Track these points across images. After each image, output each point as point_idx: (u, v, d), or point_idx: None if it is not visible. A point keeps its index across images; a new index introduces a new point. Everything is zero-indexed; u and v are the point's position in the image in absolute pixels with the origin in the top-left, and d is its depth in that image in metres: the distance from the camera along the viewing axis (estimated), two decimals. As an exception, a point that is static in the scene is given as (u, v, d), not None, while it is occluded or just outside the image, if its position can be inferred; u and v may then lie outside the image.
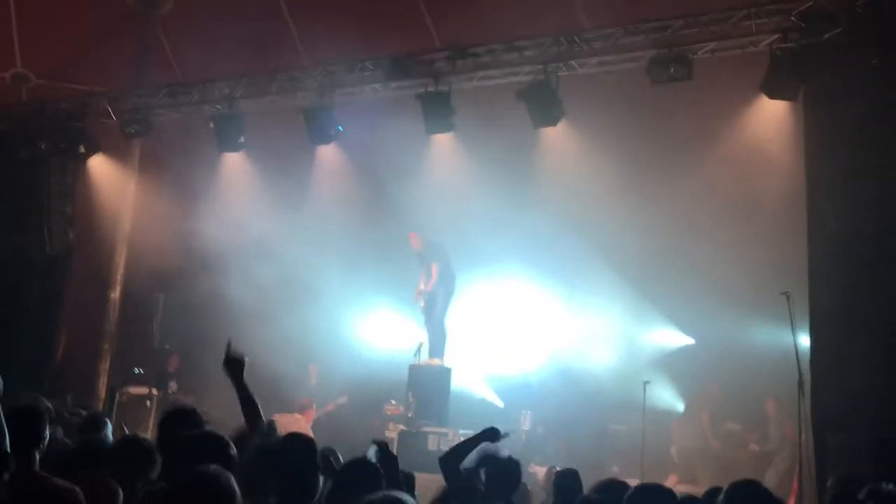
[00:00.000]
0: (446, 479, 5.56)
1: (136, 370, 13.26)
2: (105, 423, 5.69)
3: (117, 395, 12.62)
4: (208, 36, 13.36)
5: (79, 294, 13.30)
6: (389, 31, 12.04)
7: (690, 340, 12.58)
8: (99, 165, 13.31)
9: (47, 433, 3.83)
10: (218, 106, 11.86)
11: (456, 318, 12.19)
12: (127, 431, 7.62)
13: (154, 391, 12.56)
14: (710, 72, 9.53)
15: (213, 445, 3.67)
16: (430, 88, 10.45)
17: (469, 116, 10.78)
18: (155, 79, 13.43)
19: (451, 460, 5.61)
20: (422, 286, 11.83)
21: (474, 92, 10.82)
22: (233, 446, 3.72)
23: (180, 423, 4.31)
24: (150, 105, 12.27)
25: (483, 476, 5.57)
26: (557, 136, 10.78)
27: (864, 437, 7.41)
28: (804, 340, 8.34)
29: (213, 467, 2.98)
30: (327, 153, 12.46)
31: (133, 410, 12.41)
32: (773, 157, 10.07)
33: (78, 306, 13.37)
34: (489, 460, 5.69)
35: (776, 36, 8.92)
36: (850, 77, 8.13)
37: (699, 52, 9.35)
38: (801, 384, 8.13)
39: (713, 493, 4.43)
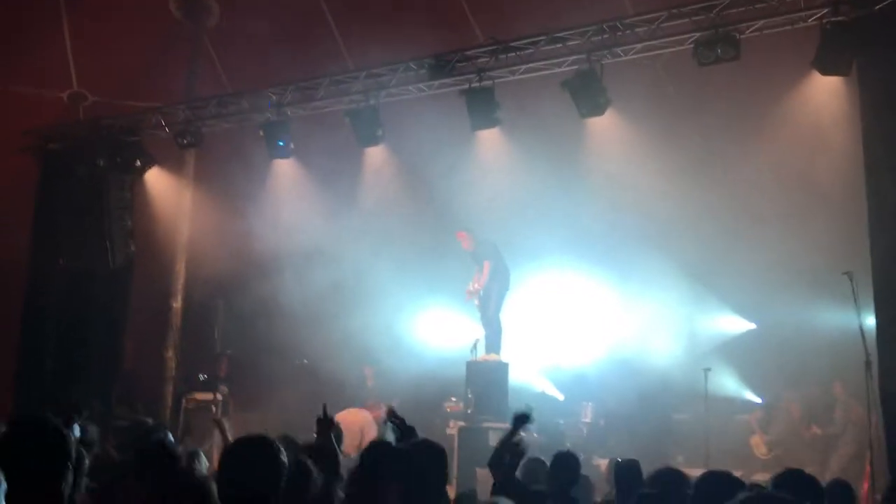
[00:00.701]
0: (495, 478, 5.57)
1: (201, 376, 13.54)
2: (166, 433, 5.81)
3: (184, 401, 12.92)
4: (254, 46, 13.61)
5: (142, 304, 13.61)
6: (431, 29, 12.08)
7: (752, 325, 12.38)
8: (155, 178, 13.61)
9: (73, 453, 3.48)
10: (267, 114, 12.03)
11: (511, 312, 12.17)
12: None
13: (218, 395, 12.81)
14: (760, 50, 9.31)
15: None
16: (474, 84, 10.43)
17: (514, 110, 10.73)
18: (205, 91, 13.67)
19: (497, 459, 5.61)
20: (474, 284, 11.83)
21: (518, 85, 10.76)
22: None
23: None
24: (200, 116, 12.49)
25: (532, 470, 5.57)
26: (605, 125, 10.65)
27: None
28: (870, 321, 8.11)
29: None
30: (375, 155, 12.54)
31: (199, 416, 12.69)
32: (829, 135, 9.82)
33: (142, 316, 13.69)
34: (509, 447, 5.59)
35: (826, 9, 8.65)
36: (905, 48, 7.89)
37: (746, 32, 9.11)
38: (868, 365, 7.95)
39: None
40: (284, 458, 3.49)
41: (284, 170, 12.96)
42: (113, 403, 12.66)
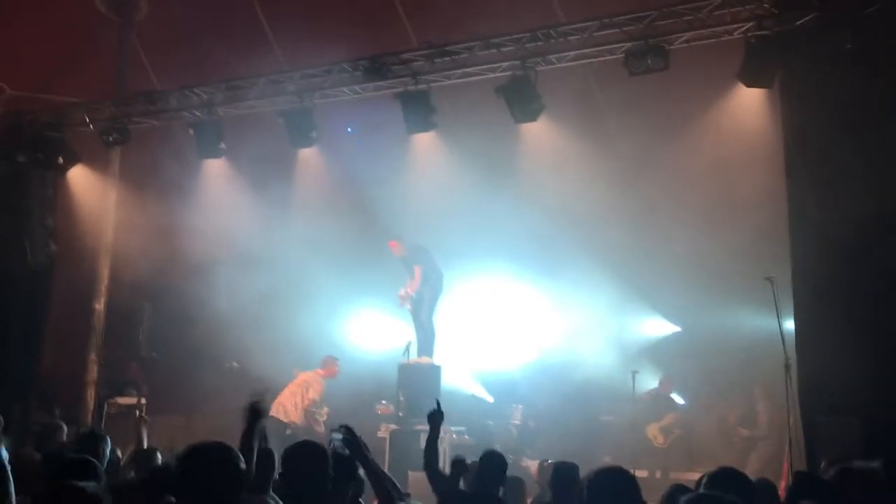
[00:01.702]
0: (432, 485, 5.58)
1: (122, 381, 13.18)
2: (104, 439, 5.65)
3: (105, 405, 12.57)
4: (184, 42, 13.32)
5: (63, 306, 13.20)
6: (366, 32, 12.06)
7: (677, 328, 12.70)
8: (79, 176, 13.23)
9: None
10: (197, 112, 11.81)
11: (443, 316, 12.22)
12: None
13: (143, 400, 12.48)
14: (689, 61, 9.59)
15: None
16: (410, 88, 10.47)
17: (449, 114, 10.80)
18: (132, 87, 13.35)
19: (429, 464, 5.62)
20: (406, 289, 11.82)
21: (454, 89, 10.83)
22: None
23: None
24: (128, 113, 12.21)
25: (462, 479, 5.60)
26: (538, 131, 10.82)
27: (852, 419, 7.48)
28: (789, 324, 8.42)
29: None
30: (309, 156, 12.45)
31: (121, 421, 12.35)
32: (752, 144, 10.16)
33: (63, 318, 13.27)
34: (460, 465, 5.71)
35: (751, 24, 8.98)
36: (825, 62, 8.20)
37: (675, 43, 9.39)
38: (787, 367, 8.24)
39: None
40: (244, 465, 3.43)
41: (215, 170, 12.75)
42: (31, 408, 12.25)
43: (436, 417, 5.87)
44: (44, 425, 11.50)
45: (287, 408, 11.41)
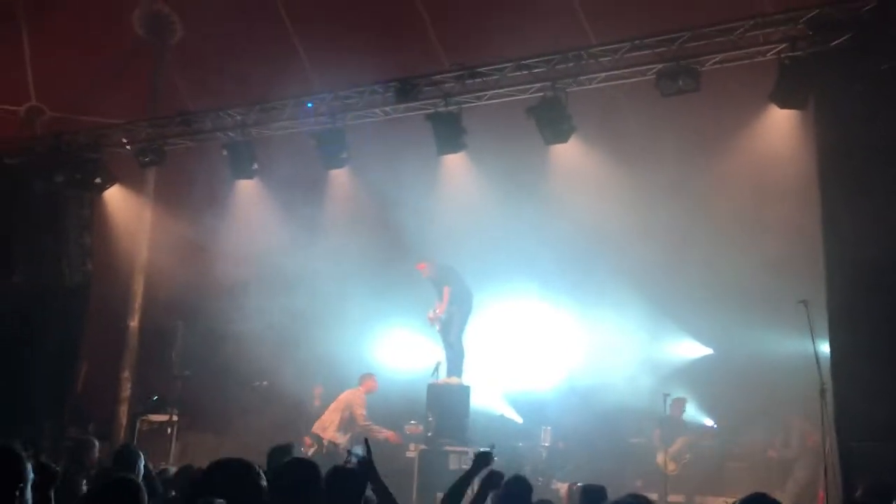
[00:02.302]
0: None
1: (153, 398, 13.32)
2: (139, 455, 5.70)
3: (138, 423, 12.69)
4: (219, 64, 13.55)
5: (98, 324, 13.39)
6: (398, 54, 12.17)
7: (709, 350, 12.56)
8: (115, 196, 13.44)
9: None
10: (230, 133, 11.97)
11: (473, 336, 12.19)
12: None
13: (175, 417, 12.60)
14: (721, 82, 9.55)
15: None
16: (440, 109, 10.53)
17: (480, 135, 10.83)
18: (168, 109, 13.56)
19: (454, 497, 5.46)
20: (435, 310, 11.79)
21: (484, 111, 10.87)
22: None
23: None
24: (163, 135, 12.39)
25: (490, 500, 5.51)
26: (569, 152, 10.79)
27: (889, 445, 7.34)
28: (825, 348, 8.29)
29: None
30: (340, 177, 12.54)
31: (154, 438, 12.47)
32: (786, 166, 10.06)
33: (97, 336, 13.46)
34: (494, 480, 5.57)
35: (784, 45, 8.93)
36: (860, 83, 8.13)
37: (707, 64, 9.36)
38: (822, 392, 8.09)
39: None
40: (264, 481, 3.47)
41: (247, 190, 12.89)
42: (65, 424, 12.40)
43: (485, 459, 5.64)
44: (76, 441, 11.66)
45: (327, 426, 11.53)
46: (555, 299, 12.70)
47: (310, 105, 11.51)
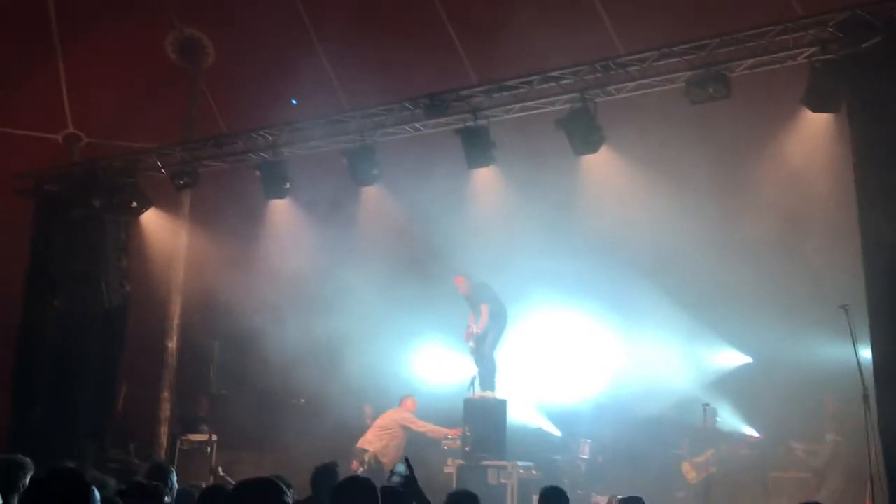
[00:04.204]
0: None
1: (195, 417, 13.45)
2: (170, 472, 5.77)
3: (178, 442, 12.82)
4: (249, 86, 13.74)
5: (137, 345, 13.56)
6: (426, 70, 12.23)
7: (748, 359, 12.39)
8: (151, 218, 13.64)
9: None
10: (262, 154, 12.11)
11: (508, 349, 12.16)
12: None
13: (214, 437, 12.71)
14: (752, 88, 9.46)
15: None
16: (469, 123, 10.56)
17: (510, 148, 10.84)
18: (201, 131, 13.77)
19: None
20: (473, 327, 11.77)
21: (513, 123, 10.89)
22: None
23: None
24: (197, 157, 12.57)
25: None
26: (599, 162, 10.75)
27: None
28: (866, 353, 8.15)
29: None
30: (372, 194, 12.59)
31: (194, 457, 12.58)
32: (821, 169, 9.92)
33: (137, 357, 13.63)
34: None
35: (814, 48, 8.83)
36: (892, 85, 8.02)
37: (737, 70, 9.29)
38: (866, 398, 7.96)
39: None
40: (290, 499, 3.49)
41: (281, 209, 13.01)
42: (107, 445, 12.56)
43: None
44: (122, 463, 11.83)
45: (372, 441, 11.62)
46: (590, 310, 12.61)
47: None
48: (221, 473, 11.88)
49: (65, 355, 12.70)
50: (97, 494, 3.37)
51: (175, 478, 5.93)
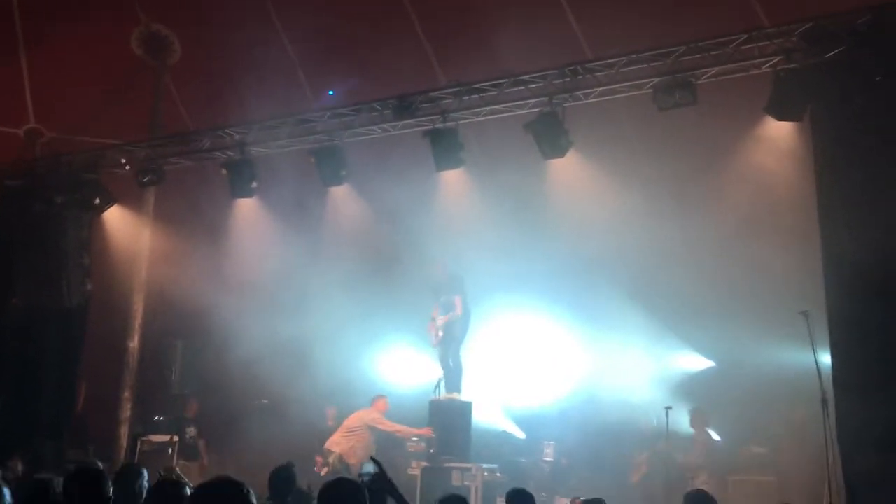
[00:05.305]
0: None
1: (157, 417, 13.30)
2: (140, 474, 5.67)
3: (139, 443, 12.65)
4: (216, 84, 13.62)
5: (98, 344, 13.37)
6: (395, 71, 12.22)
7: (711, 363, 12.53)
8: (114, 215, 13.45)
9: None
10: (229, 152, 12.01)
11: (473, 351, 12.18)
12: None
13: (174, 438, 12.57)
14: (717, 95, 9.59)
15: None
16: (438, 125, 10.57)
17: (478, 151, 10.87)
18: (166, 128, 13.62)
19: None
20: (438, 320, 11.77)
21: (481, 125, 10.91)
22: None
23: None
24: (162, 154, 12.44)
25: None
26: (567, 166, 10.81)
27: (892, 456, 7.31)
28: (825, 359, 8.28)
29: None
30: (339, 194, 12.55)
31: (155, 459, 12.41)
32: (784, 177, 10.08)
33: (97, 356, 13.44)
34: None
35: (779, 58, 8.98)
36: (855, 95, 8.17)
37: (703, 77, 9.41)
38: (824, 403, 8.08)
39: None
40: (254, 499, 3.45)
41: (247, 209, 12.91)
42: (65, 445, 12.36)
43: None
44: (78, 463, 11.62)
45: (339, 442, 11.48)
46: (555, 314, 12.67)
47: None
48: (178, 473, 11.74)
49: (24, 354, 12.52)
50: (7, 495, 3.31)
51: (144, 481, 5.80)
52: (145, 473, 5.67)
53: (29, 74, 14.31)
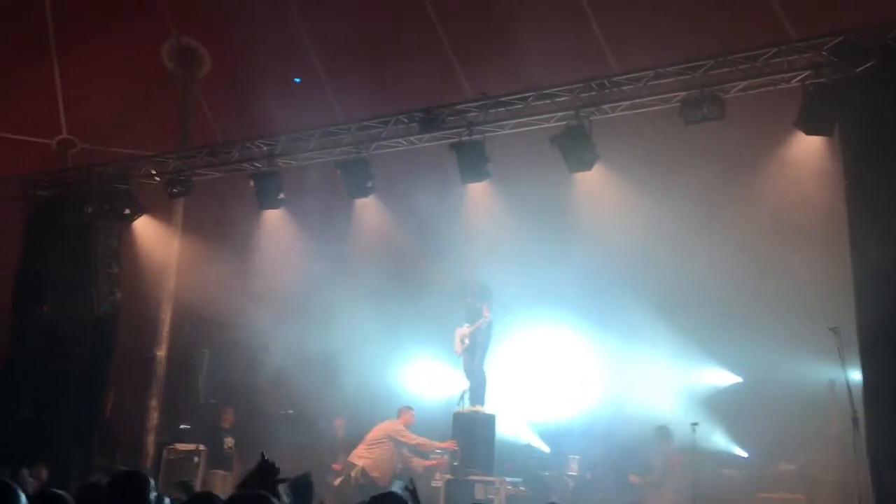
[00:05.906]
0: None
1: (182, 426, 13.38)
2: (147, 482, 5.68)
3: (165, 451, 12.74)
4: (245, 96, 13.75)
5: (126, 352, 13.50)
6: (421, 84, 12.27)
7: (738, 379, 12.40)
8: (143, 226, 13.62)
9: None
10: (257, 164, 12.11)
11: (498, 364, 12.14)
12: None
13: (201, 447, 12.64)
14: (746, 109, 9.52)
15: None
16: (464, 138, 10.59)
17: (504, 164, 10.87)
18: (195, 140, 13.77)
19: None
20: (464, 326, 11.71)
21: (508, 138, 10.92)
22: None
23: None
24: (191, 166, 12.56)
25: None
26: (593, 180, 10.78)
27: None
28: (856, 376, 8.17)
29: None
30: (366, 206, 12.60)
31: (181, 467, 12.50)
32: (813, 192, 9.96)
33: (126, 364, 13.57)
34: None
35: (808, 72, 8.91)
36: (885, 109, 8.09)
37: (731, 92, 9.35)
38: (855, 420, 7.97)
39: None
40: None
41: (274, 220, 13.00)
42: (94, 452, 12.48)
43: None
44: (106, 469, 11.73)
45: (362, 456, 11.38)
46: (580, 327, 12.61)
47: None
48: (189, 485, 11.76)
49: (53, 361, 12.63)
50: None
51: (150, 490, 5.81)
52: (151, 481, 5.69)
53: (61, 85, 14.54)
